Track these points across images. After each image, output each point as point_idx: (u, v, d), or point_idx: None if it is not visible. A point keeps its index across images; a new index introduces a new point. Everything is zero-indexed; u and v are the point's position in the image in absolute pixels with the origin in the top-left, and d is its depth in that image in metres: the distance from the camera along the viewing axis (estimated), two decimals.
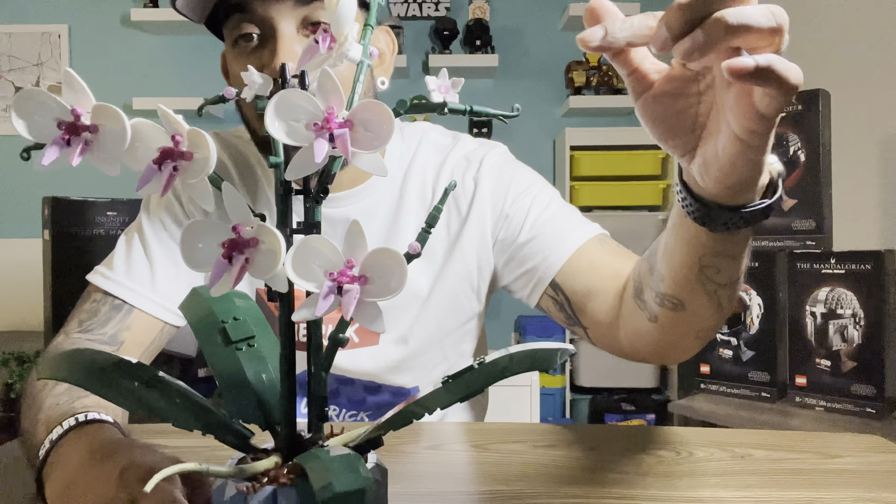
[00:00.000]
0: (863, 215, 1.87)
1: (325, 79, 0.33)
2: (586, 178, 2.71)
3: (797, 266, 1.52)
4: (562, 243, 0.80)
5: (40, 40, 2.95)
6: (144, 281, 0.79)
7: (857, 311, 1.42)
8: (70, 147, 0.33)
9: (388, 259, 0.34)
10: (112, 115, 0.33)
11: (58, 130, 0.33)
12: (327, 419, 0.39)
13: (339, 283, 0.33)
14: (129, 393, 0.37)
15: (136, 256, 0.81)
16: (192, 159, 0.34)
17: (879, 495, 0.59)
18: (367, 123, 0.34)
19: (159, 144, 0.34)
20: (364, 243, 0.34)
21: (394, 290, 0.34)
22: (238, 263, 0.33)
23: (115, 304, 0.78)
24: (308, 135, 0.33)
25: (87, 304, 0.79)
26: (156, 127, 0.34)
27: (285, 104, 0.33)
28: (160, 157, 0.33)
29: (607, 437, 0.77)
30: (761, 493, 0.59)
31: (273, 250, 0.33)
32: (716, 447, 0.73)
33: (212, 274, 0.33)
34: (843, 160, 1.75)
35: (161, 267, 0.80)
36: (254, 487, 0.35)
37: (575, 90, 2.89)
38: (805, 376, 1.51)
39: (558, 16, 2.96)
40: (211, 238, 0.34)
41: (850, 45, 1.96)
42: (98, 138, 0.34)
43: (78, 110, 0.33)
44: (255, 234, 0.33)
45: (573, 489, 0.60)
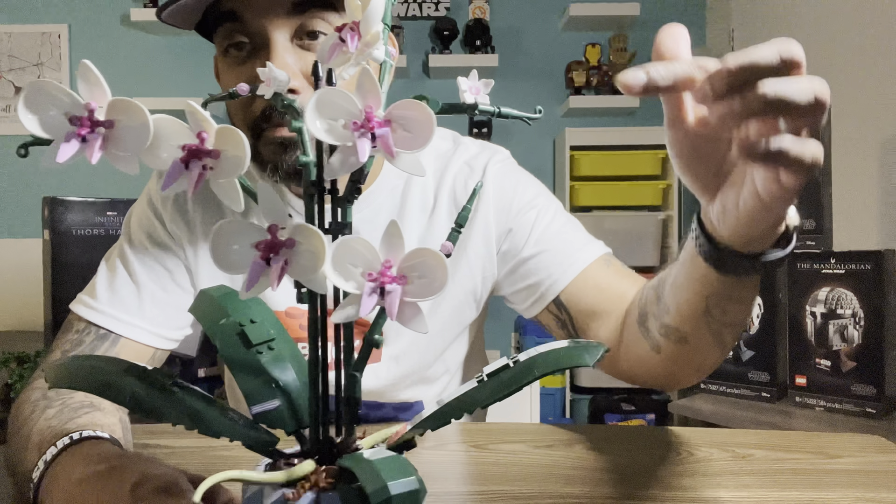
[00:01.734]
0: (863, 215, 1.87)
1: (365, 77, 0.33)
2: (586, 178, 2.71)
3: (797, 266, 1.52)
4: (568, 261, 0.79)
5: (40, 40, 2.95)
6: (131, 308, 0.76)
7: (857, 311, 1.42)
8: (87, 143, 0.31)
9: (428, 259, 0.33)
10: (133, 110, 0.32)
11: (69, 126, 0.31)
12: (360, 422, 0.39)
13: (381, 283, 0.33)
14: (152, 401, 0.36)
15: (120, 283, 0.77)
16: (219, 157, 0.33)
17: (879, 495, 0.59)
18: (406, 123, 0.33)
19: (182, 142, 0.32)
20: (402, 244, 0.33)
21: (436, 290, 0.33)
22: (277, 265, 0.32)
23: (101, 333, 0.75)
24: (348, 134, 0.33)
25: (70, 335, 0.75)
26: (179, 123, 0.33)
27: (325, 103, 0.33)
28: (188, 155, 0.32)
29: (607, 437, 0.77)
30: (761, 493, 0.59)
31: (314, 251, 0.32)
32: (716, 447, 0.73)
33: (249, 276, 0.32)
34: (843, 160, 1.75)
35: (147, 291, 0.77)
36: (298, 493, 0.34)
37: (575, 90, 2.89)
38: (805, 376, 1.51)
39: (558, 16, 2.96)
40: (244, 239, 0.33)
41: (850, 45, 1.96)
42: (115, 134, 0.32)
43: (92, 104, 0.31)
44: (292, 235, 0.32)
45: (573, 489, 0.60)
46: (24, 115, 0.32)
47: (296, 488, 0.35)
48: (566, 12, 2.83)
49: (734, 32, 2.68)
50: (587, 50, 2.94)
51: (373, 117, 0.32)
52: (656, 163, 2.71)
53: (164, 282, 0.79)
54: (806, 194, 1.57)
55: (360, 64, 0.35)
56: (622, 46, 2.90)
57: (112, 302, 0.76)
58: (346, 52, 0.35)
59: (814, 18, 2.15)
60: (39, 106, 0.32)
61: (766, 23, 2.44)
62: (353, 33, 0.35)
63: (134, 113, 0.32)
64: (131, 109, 0.32)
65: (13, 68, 2.94)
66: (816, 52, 2.12)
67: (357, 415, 0.38)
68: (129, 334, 0.75)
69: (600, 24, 2.89)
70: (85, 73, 0.32)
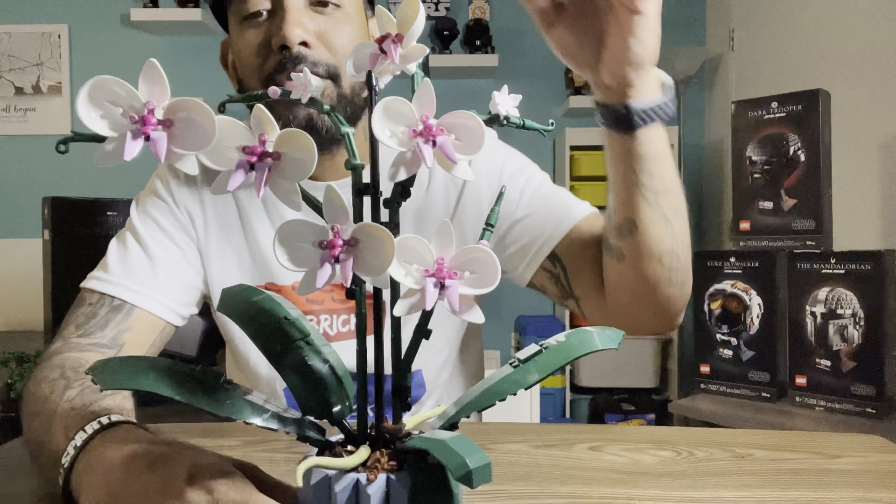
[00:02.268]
0: (863, 215, 1.87)
1: (423, 89, 0.36)
2: (586, 178, 2.71)
3: (797, 266, 1.52)
4: (562, 216, 0.81)
5: (40, 40, 2.95)
6: (145, 280, 0.78)
7: (857, 311, 1.42)
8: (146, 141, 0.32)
9: (481, 255, 0.36)
10: (197, 110, 0.33)
11: (128, 124, 0.32)
12: (410, 409, 0.41)
13: (441, 279, 0.36)
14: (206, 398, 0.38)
15: (133, 256, 0.79)
16: (280, 159, 0.34)
17: (879, 495, 0.59)
18: (457, 131, 0.37)
19: (241, 143, 0.34)
20: (452, 242, 0.36)
21: (490, 284, 0.36)
22: (348, 262, 0.34)
23: (115, 304, 0.76)
24: (409, 141, 0.36)
25: (82, 309, 0.76)
26: (239, 125, 0.34)
27: (391, 110, 0.36)
28: (259, 157, 0.34)
29: (607, 437, 0.77)
30: (761, 493, 0.59)
31: (383, 251, 0.34)
32: (716, 447, 0.73)
33: (320, 273, 0.34)
34: (843, 160, 1.75)
35: (161, 265, 0.79)
36: (374, 476, 0.37)
37: (575, 90, 2.89)
38: (805, 376, 1.51)
39: None
40: (307, 237, 0.35)
41: (850, 45, 1.96)
42: (175, 133, 0.33)
43: (152, 102, 0.32)
44: (356, 235, 0.35)
45: (573, 489, 0.60)
46: (85, 110, 0.32)
47: (368, 472, 0.37)
48: None
49: (734, 32, 2.68)
50: None
51: (432, 126, 0.36)
52: None
53: (177, 258, 0.81)
54: (806, 194, 1.58)
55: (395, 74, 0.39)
56: None
57: (126, 274, 0.78)
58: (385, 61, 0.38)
59: (814, 18, 2.15)
60: (99, 102, 0.32)
61: (766, 23, 2.44)
62: (396, 45, 0.37)
63: (198, 112, 0.33)
64: (196, 109, 0.33)
65: (13, 68, 2.94)
66: (816, 52, 2.12)
67: (408, 403, 0.41)
68: (144, 304, 0.76)
69: None
70: (149, 71, 0.32)
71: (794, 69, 2.23)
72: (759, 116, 1.65)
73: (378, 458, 0.38)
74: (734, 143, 1.71)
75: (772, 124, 1.63)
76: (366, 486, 0.37)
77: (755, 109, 1.66)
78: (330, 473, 0.38)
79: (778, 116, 1.62)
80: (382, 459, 0.38)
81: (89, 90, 0.32)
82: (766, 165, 1.63)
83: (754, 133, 1.66)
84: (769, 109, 1.64)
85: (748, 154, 1.67)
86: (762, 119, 1.65)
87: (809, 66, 2.16)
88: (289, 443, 0.73)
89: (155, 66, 0.32)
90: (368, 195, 0.38)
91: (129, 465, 0.46)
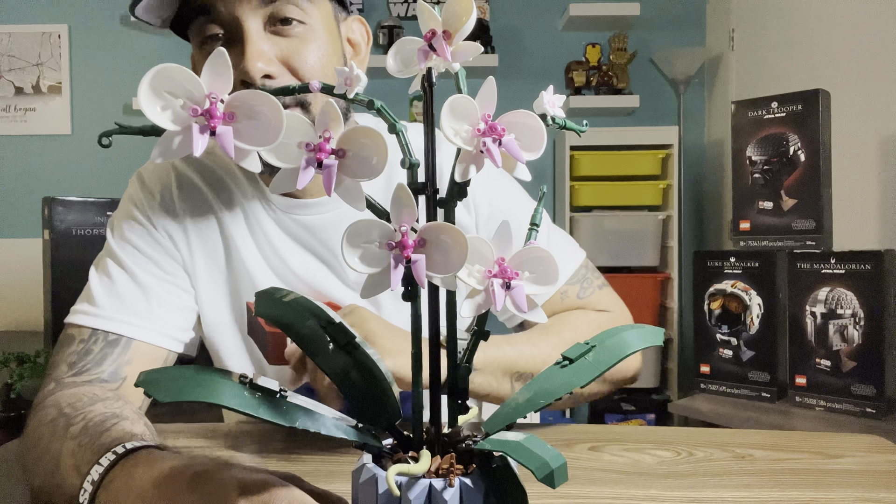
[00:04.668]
0: (863, 215, 1.87)
1: (488, 87, 0.35)
2: (586, 178, 2.70)
3: (797, 266, 1.52)
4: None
5: (40, 40, 2.95)
6: (139, 311, 0.74)
7: (857, 311, 1.42)
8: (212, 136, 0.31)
9: (540, 254, 0.36)
10: (265, 102, 0.31)
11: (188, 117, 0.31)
12: (467, 411, 0.40)
13: (507, 279, 0.35)
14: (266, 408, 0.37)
15: (121, 287, 0.75)
16: (345, 157, 0.33)
17: (879, 495, 0.59)
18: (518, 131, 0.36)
19: (304, 139, 0.33)
20: (511, 242, 0.36)
21: (551, 282, 0.37)
22: (421, 263, 0.34)
23: (110, 339, 0.72)
24: (472, 140, 0.35)
25: (72, 347, 0.71)
26: (305, 121, 0.33)
27: (456, 107, 0.35)
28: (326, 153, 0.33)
29: (607, 437, 0.77)
30: (761, 493, 0.59)
31: (451, 250, 0.34)
32: (716, 447, 0.73)
33: (393, 274, 0.34)
34: (843, 160, 1.75)
35: (153, 293, 0.75)
36: (451, 481, 0.36)
37: (575, 90, 2.89)
38: (805, 376, 1.51)
39: (558, 16, 2.96)
40: (376, 238, 0.34)
41: (850, 45, 1.96)
42: (238, 128, 0.32)
43: (215, 94, 0.31)
44: (423, 236, 0.34)
45: (573, 489, 0.60)
46: (147, 101, 0.31)
47: (446, 477, 0.37)
48: (566, 12, 2.83)
49: (734, 32, 2.68)
50: (587, 50, 2.94)
51: (496, 125, 0.35)
52: (656, 163, 2.71)
53: (165, 283, 0.77)
54: (806, 194, 1.58)
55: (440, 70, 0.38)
56: (622, 46, 2.90)
57: (117, 307, 0.73)
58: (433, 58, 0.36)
59: (814, 18, 2.15)
60: (160, 93, 0.31)
61: (766, 23, 2.44)
62: (447, 42, 0.36)
63: (266, 105, 0.31)
64: (263, 101, 0.31)
65: (13, 68, 2.94)
66: (816, 52, 2.12)
67: (466, 406, 0.40)
68: (142, 336, 0.73)
69: (600, 24, 2.89)
70: (214, 61, 0.31)
71: (794, 69, 2.23)
72: (759, 116, 1.65)
73: (451, 463, 0.38)
74: (734, 143, 1.71)
75: (772, 124, 1.63)
76: (441, 491, 0.36)
77: (755, 109, 1.66)
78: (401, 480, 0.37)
79: (778, 116, 1.62)
80: (453, 464, 0.38)
81: (152, 79, 0.31)
82: (766, 165, 1.63)
83: (754, 133, 1.66)
84: (769, 109, 1.64)
85: (748, 154, 1.67)
86: (762, 119, 1.65)
87: (809, 66, 2.15)
88: (289, 443, 0.73)
89: (223, 54, 0.31)
90: (426, 195, 0.37)
91: (165, 488, 0.43)
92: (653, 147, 2.70)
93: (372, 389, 0.40)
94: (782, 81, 2.24)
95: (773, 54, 2.39)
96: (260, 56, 0.66)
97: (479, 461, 0.37)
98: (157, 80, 0.31)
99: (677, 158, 2.69)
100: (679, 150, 2.70)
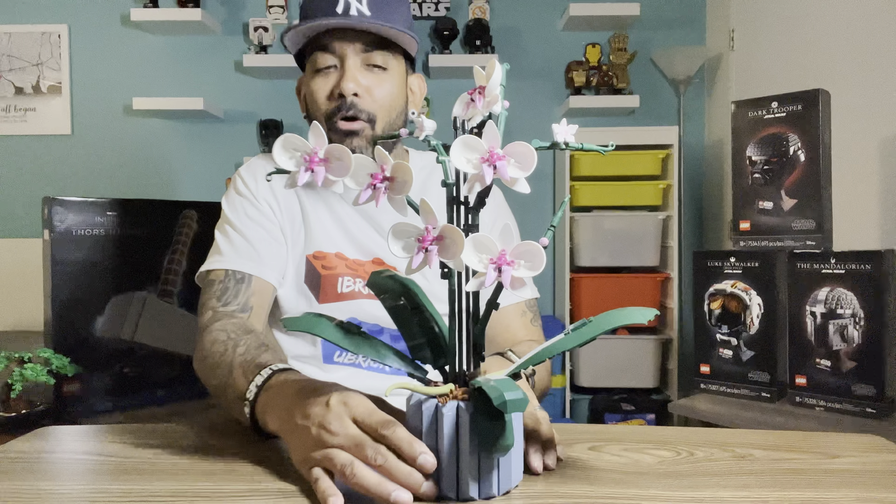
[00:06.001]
0: (863, 215, 1.87)
1: (489, 128, 0.52)
2: (586, 178, 2.71)
3: (797, 266, 1.52)
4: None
5: (40, 40, 2.95)
6: (252, 256, 1.01)
7: (857, 311, 1.42)
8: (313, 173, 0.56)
9: (531, 248, 0.51)
10: (341, 153, 0.55)
11: (303, 162, 0.56)
12: (484, 360, 0.59)
13: (498, 265, 0.51)
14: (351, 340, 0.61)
15: (237, 241, 1.01)
16: (393, 181, 0.55)
17: (879, 495, 0.59)
18: (516, 157, 0.52)
19: (370, 171, 0.55)
20: (513, 238, 0.52)
21: (537, 269, 0.51)
22: (434, 252, 0.52)
23: (238, 277, 0.99)
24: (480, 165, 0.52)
25: (215, 287, 0.98)
26: (368, 160, 0.55)
27: (466, 144, 0.52)
28: (378, 180, 0.55)
29: (607, 437, 0.77)
30: (761, 493, 0.59)
31: (457, 244, 0.51)
32: (716, 447, 0.73)
33: (415, 258, 0.52)
34: (843, 160, 1.75)
35: (259, 244, 1.01)
36: (445, 400, 0.57)
37: (575, 90, 2.89)
38: (805, 376, 1.51)
39: (558, 16, 2.96)
40: (412, 234, 0.53)
41: (850, 45, 1.96)
42: (330, 167, 0.56)
43: (316, 149, 0.56)
44: (441, 233, 0.52)
45: (573, 489, 0.60)
46: (279, 154, 0.56)
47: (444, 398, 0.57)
48: (566, 12, 2.83)
49: (734, 32, 2.68)
50: (587, 50, 2.94)
51: (494, 154, 0.52)
52: (656, 163, 2.71)
53: (268, 238, 1.03)
54: (806, 194, 1.58)
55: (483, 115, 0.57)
56: (622, 46, 2.90)
57: (238, 253, 1.01)
58: (474, 107, 0.57)
59: (814, 18, 2.15)
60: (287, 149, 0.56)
61: (766, 23, 2.44)
62: (481, 96, 0.56)
63: (344, 155, 0.56)
64: (342, 153, 0.56)
65: (13, 68, 2.94)
66: (816, 52, 2.12)
67: (482, 356, 0.59)
68: (258, 272, 1.00)
69: (600, 24, 2.89)
70: (315, 130, 0.56)
71: (794, 69, 2.23)
72: (759, 116, 1.65)
73: (453, 391, 0.58)
74: (734, 143, 1.71)
75: (772, 124, 1.63)
76: (441, 407, 0.56)
77: (755, 109, 1.66)
78: (421, 399, 0.58)
79: (778, 116, 1.62)
80: (457, 392, 0.58)
81: (282, 143, 0.56)
82: (766, 165, 1.63)
83: (754, 133, 1.66)
84: (769, 109, 1.64)
85: (748, 154, 1.67)
86: (762, 119, 1.65)
87: (809, 66, 2.16)
88: None
89: (318, 127, 0.56)
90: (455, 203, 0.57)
91: (301, 393, 0.66)
92: (653, 147, 2.70)
93: (432, 341, 0.61)
94: (782, 81, 2.24)
95: (773, 54, 2.39)
96: (354, 79, 0.99)
97: (479, 394, 0.54)
98: (284, 142, 0.56)
99: (677, 158, 2.69)
100: (679, 150, 2.71)
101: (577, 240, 2.69)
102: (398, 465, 0.56)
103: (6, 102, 2.95)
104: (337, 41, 1.00)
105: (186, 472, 0.65)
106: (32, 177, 2.96)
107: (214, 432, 0.78)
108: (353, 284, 1.05)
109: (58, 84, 2.95)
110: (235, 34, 2.98)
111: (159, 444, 0.74)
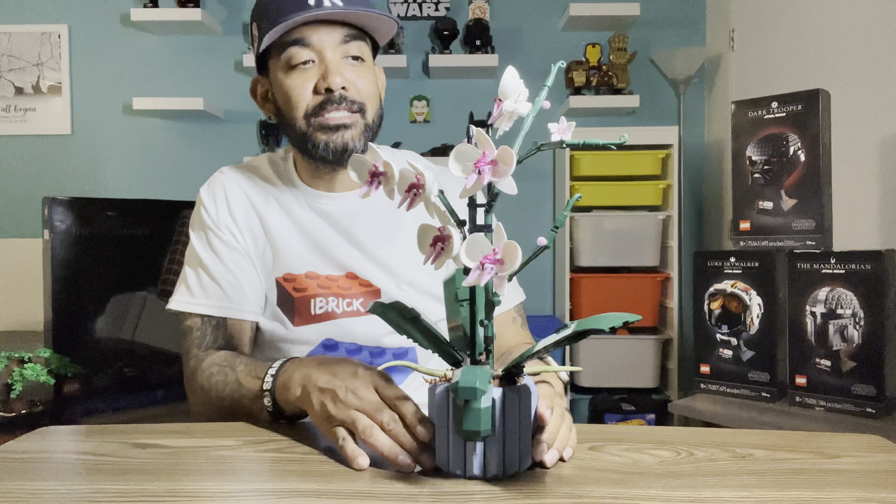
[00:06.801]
0: (863, 215, 1.87)
1: (480, 136, 0.57)
2: (586, 178, 2.71)
3: (797, 266, 1.52)
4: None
5: (40, 40, 2.95)
6: (223, 298, 0.99)
7: (857, 311, 1.42)
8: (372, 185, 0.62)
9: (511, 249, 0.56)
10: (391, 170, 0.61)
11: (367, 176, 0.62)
12: (492, 351, 0.65)
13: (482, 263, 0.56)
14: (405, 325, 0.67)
15: (207, 284, 1.00)
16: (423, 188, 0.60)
17: (879, 495, 0.59)
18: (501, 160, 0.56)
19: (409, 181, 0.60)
20: (503, 239, 0.56)
21: (513, 268, 0.56)
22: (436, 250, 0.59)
23: (213, 322, 0.99)
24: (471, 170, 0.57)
25: (194, 335, 0.99)
26: (410, 171, 0.60)
27: (461, 152, 0.58)
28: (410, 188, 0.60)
29: (607, 437, 0.77)
30: (761, 493, 0.59)
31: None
32: (716, 447, 0.73)
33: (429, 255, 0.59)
34: (843, 160, 1.75)
35: (229, 284, 1.00)
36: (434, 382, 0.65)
37: (575, 90, 2.89)
38: (805, 376, 1.51)
39: (558, 16, 2.96)
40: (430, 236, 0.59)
41: (850, 45, 1.96)
42: (386, 180, 0.61)
43: (377, 166, 0.61)
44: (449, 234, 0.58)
45: (573, 489, 0.60)
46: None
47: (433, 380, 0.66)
48: (566, 12, 2.83)
49: (734, 32, 2.68)
50: (587, 50, 2.94)
51: (482, 160, 0.56)
52: (656, 163, 2.71)
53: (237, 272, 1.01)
54: (806, 194, 1.58)
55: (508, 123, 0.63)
56: (622, 46, 2.90)
57: (210, 297, 0.99)
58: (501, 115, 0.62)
59: (814, 18, 2.15)
60: (358, 166, 0.62)
61: (766, 23, 2.44)
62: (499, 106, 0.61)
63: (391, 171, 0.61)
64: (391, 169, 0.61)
65: (13, 68, 2.94)
66: (816, 52, 2.12)
67: (490, 347, 0.64)
68: (235, 315, 1.00)
69: (600, 24, 2.89)
70: (371, 152, 0.61)
71: (794, 69, 2.23)
72: (759, 116, 1.65)
73: (445, 375, 0.66)
74: (734, 143, 1.71)
75: (772, 124, 1.63)
76: (433, 388, 0.64)
77: (755, 109, 1.66)
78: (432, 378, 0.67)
79: (778, 116, 1.62)
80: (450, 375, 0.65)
81: (352, 162, 0.62)
82: (766, 165, 1.63)
83: (754, 133, 1.66)
84: (769, 109, 1.64)
85: (748, 154, 1.67)
86: (762, 119, 1.65)
87: (809, 66, 2.16)
88: (288, 443, 0.74)
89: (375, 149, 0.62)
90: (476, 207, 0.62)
91: (323, 363, 0.75)
92: (653, 147, 2.70)
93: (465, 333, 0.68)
94: (782, 81, 2.24)
95: (773, 54, 2.39)
96: (340, 73, 0.96)
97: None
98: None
99: (677, 158, 2.69)
100: (679, 150, 2.71)
101: (577, 240, 2.69)
102: (404, 432, 0.65)
103: (6, 102, 2.95)
104: (314, 34, 0.96)
105: (186, 472, 0.65)
106: (32, 177, 2.96)
107: (214, 432, 0.78)
108: (325, 305, 1.01)
109: (58, 84, 2.95)
110: (235, 34, 2.98)
111: (158, 444, 0.74)
